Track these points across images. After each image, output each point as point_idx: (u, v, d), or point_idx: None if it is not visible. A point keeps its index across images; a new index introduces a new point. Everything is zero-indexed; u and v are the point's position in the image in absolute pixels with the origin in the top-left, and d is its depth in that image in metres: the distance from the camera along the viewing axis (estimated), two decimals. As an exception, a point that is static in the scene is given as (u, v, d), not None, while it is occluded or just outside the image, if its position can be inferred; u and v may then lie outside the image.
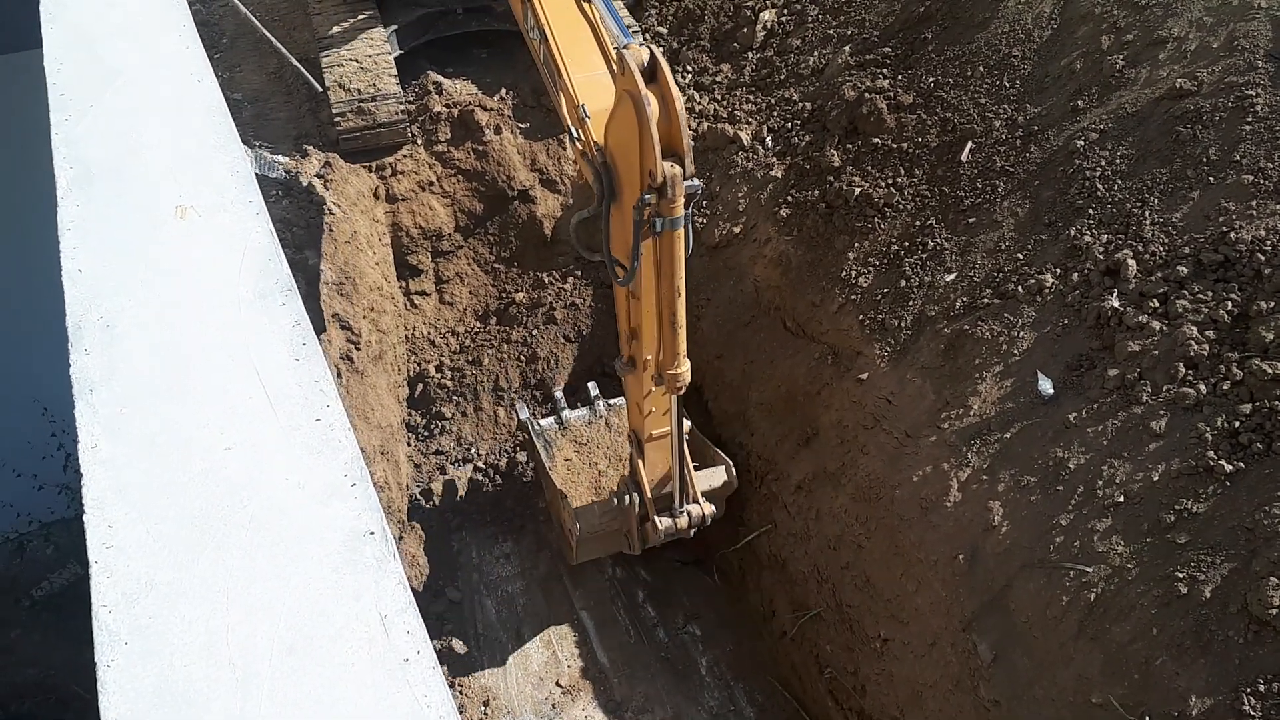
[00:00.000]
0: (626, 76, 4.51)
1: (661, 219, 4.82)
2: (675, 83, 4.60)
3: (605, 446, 7.87)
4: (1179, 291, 5.25)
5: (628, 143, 4.72)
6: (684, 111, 4.59)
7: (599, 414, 8.02)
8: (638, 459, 6.40)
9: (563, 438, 7.88)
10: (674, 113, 4.54)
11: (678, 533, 6.54)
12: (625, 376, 6.02)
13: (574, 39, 5.52)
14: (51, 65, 3.63)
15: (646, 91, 4.46)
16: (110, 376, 2.57)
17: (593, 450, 7.86)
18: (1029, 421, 5.47)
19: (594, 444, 7.90)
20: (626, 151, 4.78)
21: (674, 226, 4.87)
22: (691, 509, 6.49)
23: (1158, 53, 6.17)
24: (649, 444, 6.29)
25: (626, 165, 4.86)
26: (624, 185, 4.97)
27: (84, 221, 2.98)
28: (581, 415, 8.00)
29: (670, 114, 4.55)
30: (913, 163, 6.95)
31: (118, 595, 2.16)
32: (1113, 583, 4.73)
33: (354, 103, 8.43)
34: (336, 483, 2.36)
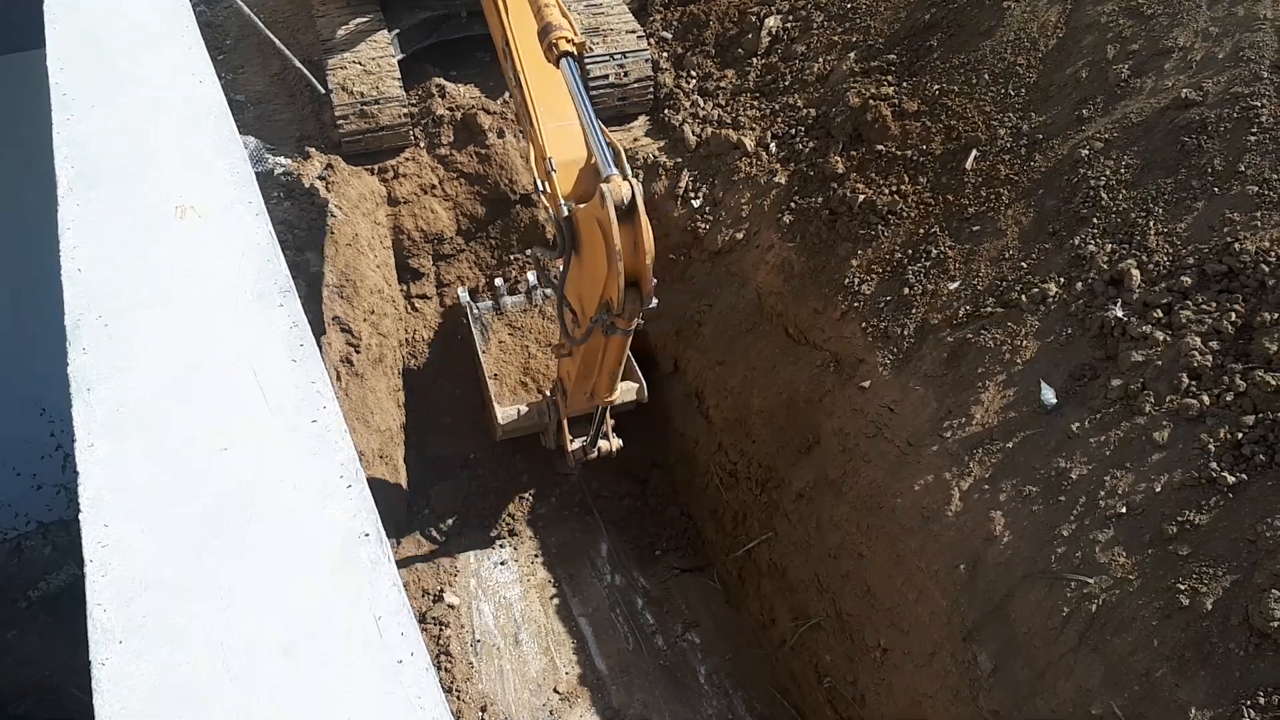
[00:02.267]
0: (603, 210, 4.65)
1: (615, 328, 5.22)
2: (648, 225, 4.74)
3: (538, 332, 8.45)
4: (1183, 302, 5.23)
5: (593, 238, 4.93)
6: (652, 249, 4.77)
7: (535, 302, 8.60)
8: (561, 396, 7.02)
9: (498, 321, 8.44)
10: (643, 255, 4.74)
11: (585, 459, 7.45)
12: (560, 358, 6.68)
13: (547, 85, 5.70)
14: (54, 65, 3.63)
15: (619, 236, 4.61)
16: (108, 376, 2.56)
17: (525, 335, 8.39)
18: (1031, 431, 5.45)
19: (527, 329, 8.44)
20: (592, 239, 4.98)
21: (625, 335, 5.34)
22: (602, 444, 7.38)
23: (1163, 63, 6.17)
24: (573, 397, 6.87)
25: (590, 243, 5.06)
26: (585, 251, 5.18)
27: (84, 221, 2.97)
28: (519, 302, 8.61)
29: (639, 255, 4.74)
30: (917, 170, 6.94)
31: (113, 594, 2.15)
32: (1114, 594, 4.70)
33: (357, 105, 8.44)
34: (333, 484, 2.35)
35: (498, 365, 8.19)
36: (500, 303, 8.60)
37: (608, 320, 5.16)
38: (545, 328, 8.55)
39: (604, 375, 6.24)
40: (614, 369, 6.13)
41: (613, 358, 5.93)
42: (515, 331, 8.51)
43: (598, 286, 5.07)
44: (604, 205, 4.63)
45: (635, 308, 4.92)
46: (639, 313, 5.00)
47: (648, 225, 4.72)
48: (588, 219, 5.02)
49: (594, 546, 8.22)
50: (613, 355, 5.89)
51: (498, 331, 8.41)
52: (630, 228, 4.67)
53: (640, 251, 4.72)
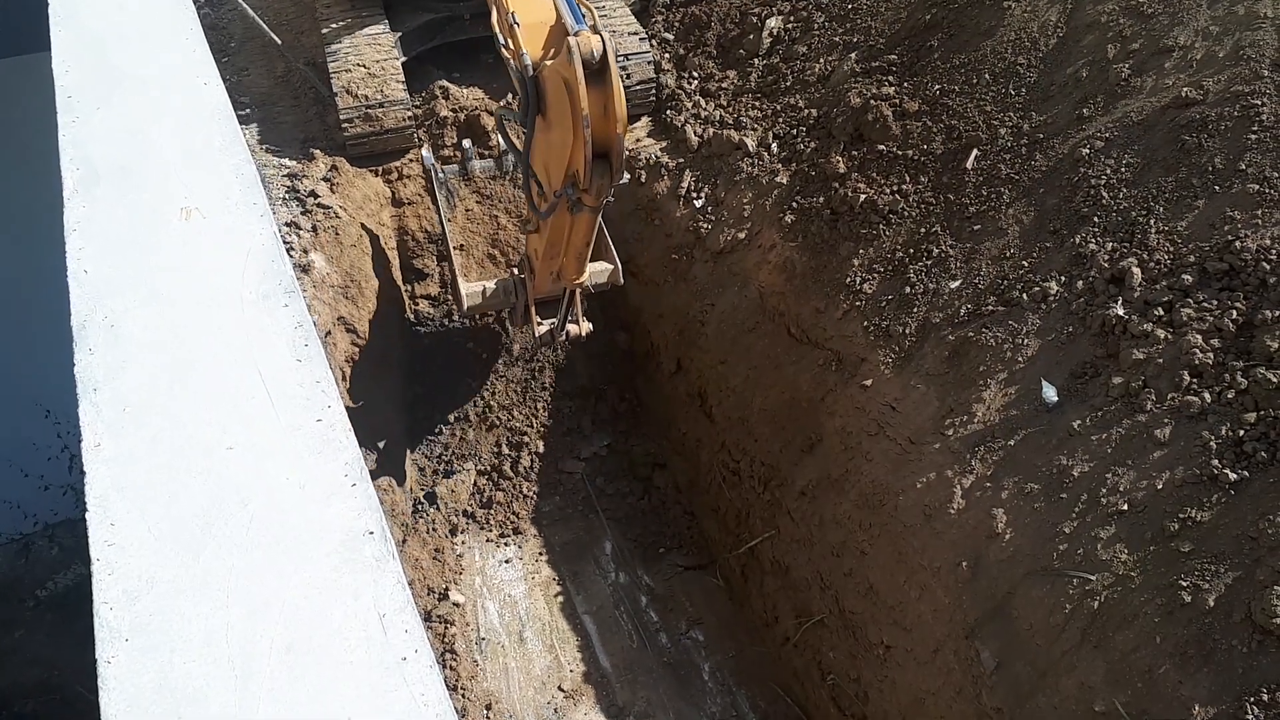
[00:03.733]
0: (569, 67, 4.19)
1: (582, 205, 4.79)
2: (620, 84, 4.29)
3: (508, 200, 7.89)
4: (1184, 300, 5.24)
5: (560, 100, 4.47)
6: (624, 115, 4.32)
7: (505, 168, 7.96)
8: (528, 275, 6.74)
9: (466, 188, 7.87)
10: (613, 121, 4.28)
11: (552, 344, 7.31)
12: (528, 234, 6.36)
13: None
14: (60, 68, 3.66)
15: (586, 99, 4.16)
16: (114, 376, 2.59)
17: (494, 204, 7.88)
18: (1033, 429, 5.46)
19: (497, 197, 7.92)
20: (558, 102, 4.52)
21: (591, 213, 4.95)
22: (570, 328, 7.03)
23: (1163, 61, 6.17)
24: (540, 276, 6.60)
25: (557, 106, 4.59)
26: (552, 114, 4.70)
27: (90, 222, 3.00)
28: (487, 167, 7.98)
29: (609, 121, 4.29)
30: (918, 170, 6.95)
31: (119, 592, 2.17)
32: (1116, 591, 4.71)
33: (361, 109, 8.46)
34: (337, 483, 2.37)
35: (464, 235, 7.57)
36: (468, 167, 7.98)
37: (574, 196, 4.71)
38: (516, 196, 7.96)
39: (571, 256, 5.85)
40: (581, 250, 5.74)
41: (579, 237, 5.52)
42: (484, 200, 7.95)
43: (564, 156, 4.61)
44: (570, 62, 4.14)
45: (604, 183, 4.46)
46: (608, 189, 4.55)
47: (620, 87, 4.25)
48: (554, 78, 4.51)
49: (598, 545, 8.25)
50: (579, 235, 5.47)
51: (465, 199, 7.84)
52: (600, 89, 4.19)
53: (611, 117, 4.25)
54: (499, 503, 8.42)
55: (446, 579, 7.86)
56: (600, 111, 4.24)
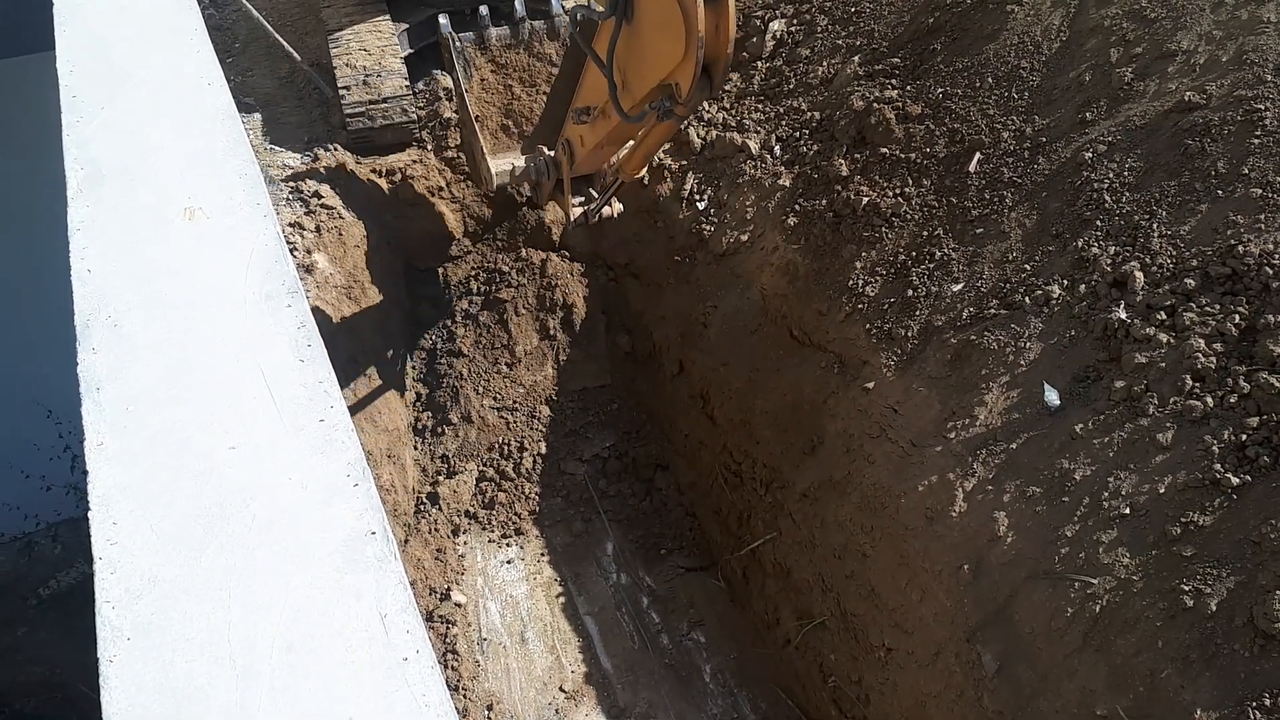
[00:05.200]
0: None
1: (671, 113, 4.77)
2: (736, 8, 4.29)
3: (522, 70, 7.76)
4: (1186, 304, 5.24)
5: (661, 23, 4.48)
6: (734, 33, 4.33)
7: (521, 37, 7.84)
8: (565, 156, 6.71)
9: (481, 56, 7.73)
10: (725, 37, 4.29)
11: (585, 224, 7.05)
12: (579, 123, 6.20)
13: None
14: (64, 68, 3.67)
15: (703, 19, 4.18)
16: (117, 375, 2.59)
17: (509, 73, 7.73)
18: (1035, 432, 5.46)
19: (512, 66, 7.79)
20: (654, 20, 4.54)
21: (678, 121, 4.90)
22: (605, 209, 6.95)
23: (1166, 66, 6.17)
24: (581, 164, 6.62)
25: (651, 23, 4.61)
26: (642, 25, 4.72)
27: (94, 222, 3.00)
28: (503, 35, 7.85)
29: (720, 42, 4.30)
30: (920, 173, 6.95)
31: (121, 591, 2.18)
32: (1118, 595, 4.71)
33: (359, 78, 8.50)
34: (339, 483, 2.37)
35: (480, 106, 7.50)
36: (484, 35, 7.80)
37: (667, 105, 4.72)
38: (531, 65, 7.84)
39: (638, 154, 5.90)
40: (653, 150, 5.81)
41: (656, 139, 5.57)
42: (499, 69, 7.79)
43: (655, 66, 4.65)
44: None
45: (703, 95, 4.51)
46: (704, 100, 4.69)
47: (734, 6, 4.26)
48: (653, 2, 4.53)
49: (600, 546, 8.26)
50: (656, 138, 5.53)
51: (480, 68, 7.72)
52: (714, 8, 4.21)
53: (723, 37, 4.27)
54: (501, 503, 8.43)
55: (448, 579, 7.87)
56: (713, 30, 4.27)
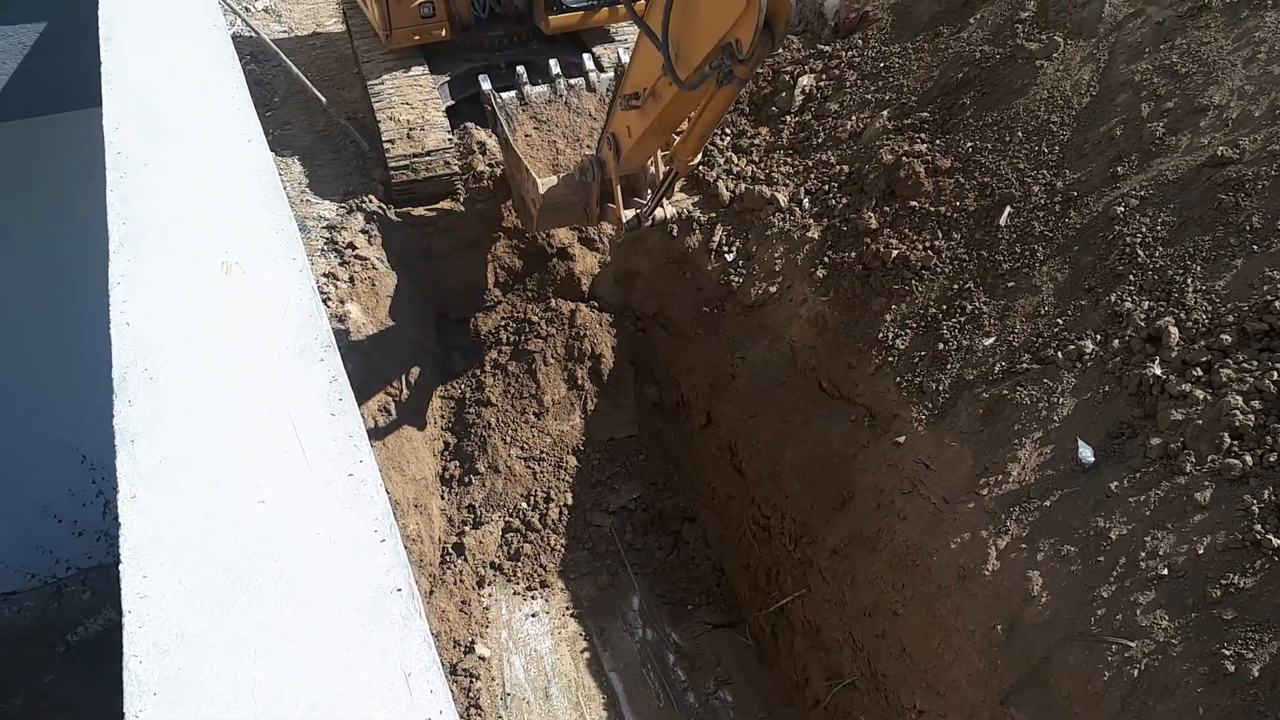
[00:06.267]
0: None
1: (732, 76, 4.69)
2: None
3: (564, 126, 7.91)
4: (1223, 360, 5.17)
5: None
6: None
7: (560, 93, 8.05)
8: (610, 153, 6.57)
9: (523, 113, 7.90)
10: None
11: (638, 228, 6.84)
12: (627, 110, 6.07)
13: None
14: (110, 124, 3.76)
15: None
16: (151, 428, 2.62)
17: (551, 128, 7.87)
18: (1069, 489, 5.37)
19: (553, 122, 7.92)
20: None
21: (740, 83, 4.81)
22: (657, 211, 6.76)
23: (1198, 120, 6.16)
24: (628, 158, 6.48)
25: None
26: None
27: (134, 276, 3.06)
28: (543, 92, 8.05)
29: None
30: (950, 226, 6.95)
31: (149, 645, 2.18)
32: (1157, 658, 4.59)
33: (403, 132, 8.67)
34: (366, 538, 2.37)
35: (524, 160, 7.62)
36: (524, 93, 8.00)
37: (728, 67, 4.61)
38: (572, 121, 8.03)
39: (694, 134, 5.73)
40: (710, 126, 5.63)
41: (714, 113, 5.43)
42: (541, 125, 7.94)
43: (711, 27, 4.59)
44: None
45: (765, 50, 4.41)
46: (766, 57, 4.52)
47: None
48: None
49: (625, 600, 8.18)
50: (715, 110, 5.39)
51: (523, 124, 7.87)
52: None
53: None
54: (527, 555, 8.38)
55: (473, 632, 7.81)
56: None
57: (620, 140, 6.42)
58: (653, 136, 6.06)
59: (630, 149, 6.32)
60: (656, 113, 5.68)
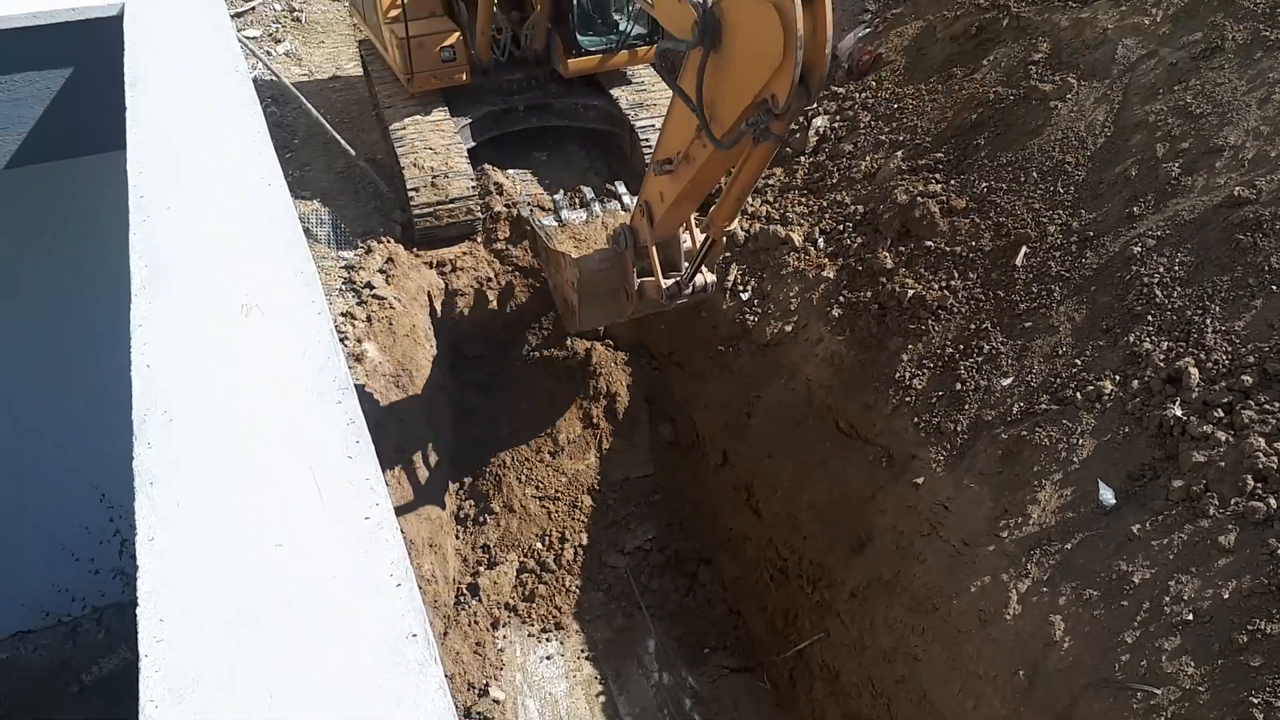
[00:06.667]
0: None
1: (768, 132, 4.74)
2: (832, 9, 4.33)
3: (601, 244, 8.01)
4: (1244, 401, 5.12)
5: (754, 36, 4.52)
6: (832, 38, 4.37)
7: (595, 214, 8.35)
8: (644, 221, 6.52)
9: (562, 233, 8.13)
10: (821, 44, 4.32)
11: (680, 294, 6.72)
12: (660, 175, 6.05)
13: None
14: (133, 169, 3.81)
15: (801, 19, 4.21)
16: (170, 471, 2.62)
17: (589, 246, 7.99)
18: (1090, 532, 5.31)
19: (590, 240, 8.10)
20: (748, 40, 4.58)
21: (777, 139, 4.86)
22: (697, 279, 6.65)
23: (1214, 161, 6.16)
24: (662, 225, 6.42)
25: (743, 45, 4.65)
26: (732, 52, 4.77)
27: (155, 318, 3.08)
28: (579, 215, 8.36)
29: (818, 44, 4.32)
30: (966, 266, 6.95)
31: (165, 690, 2.16)
32: (1183, 706, 4.50)
33: (428, 180, 8.76)
34: (382, 582, 2.36)
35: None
36: (562, 216, 8.35)
37: (764, 124, 4.67)
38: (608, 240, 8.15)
39: (730, 197, 5.65)
40: (746, 188, 5.54)
41: (750, 173, 5.36)
42: (579, 244, 8.15)
43: (746, 85, 4.66)
44: None
45: (801, 104, 4.50)
46: (801, 111, 4.61)
47: (831, 11, 4.30)
48: (738, 9, 4.60)
49: (641, 643, 8.09)
50: (751, 170, 5.33)
51: (562, 243, 8.12)
52: (812, 11, 4.25)
53: (820, 36, 4.30)
54: (541, 596, 8.32)
55: (487, 674, 7.74)
56: (810, 31, 4.31)
57: (653, 207, 6.37)
58: (687, 200, 6.02)
59: (663, 215, 6.27)
60: (690, 175, 5.66)
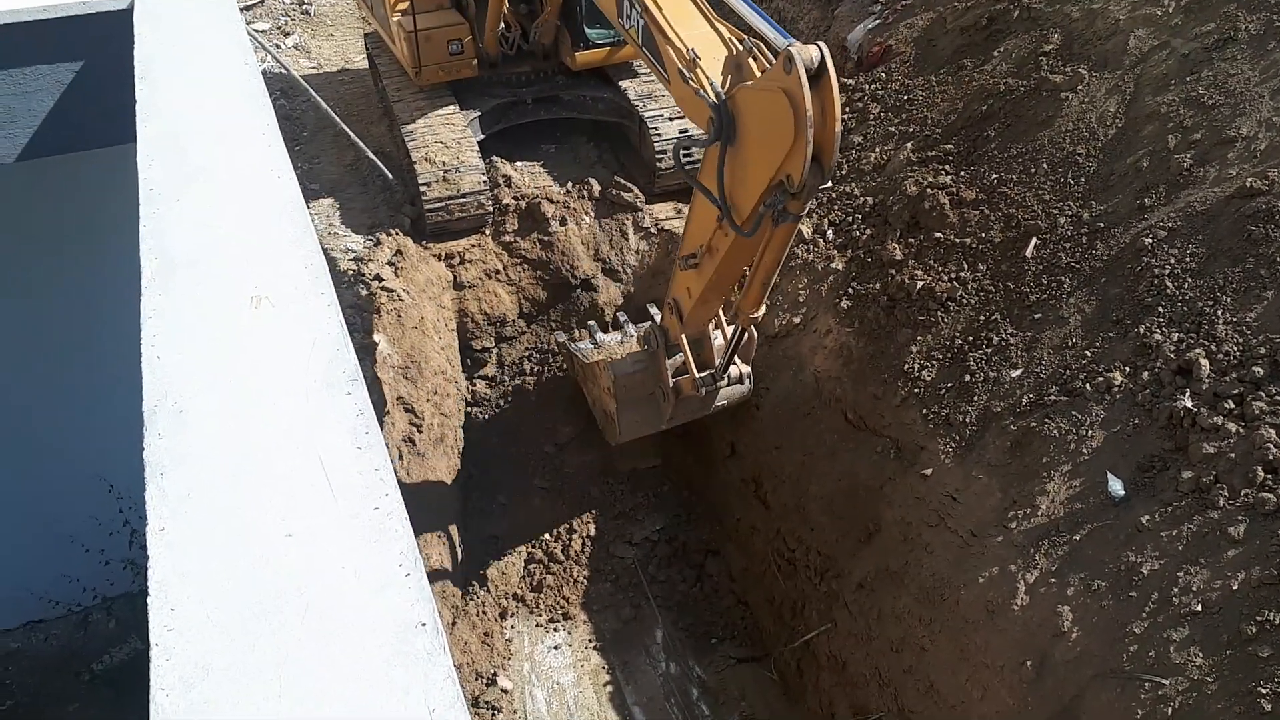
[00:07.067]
0: (789, 76, 4.39)
1: (787, 213, 4.88)
2: (839, 90, 4.45)
3: None
4: (1255, 393, 5.10)
5: (768, 123, 4.66)
6: (841, 118, 4.49)
7: (629, 334, 8.62)
8: (673, 318, 6.64)
9: (597, 354, 8.33)
10: (831, 124, 4.45)
11: (715, 386, 6.82)
12: (685, 270, 6.18)
13: (674, 4, 5.69)
14: (144, 161, 3.82)
15: (810, 100, 4.35)
16: (180, 461, 2.64)
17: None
18: (1099, 523, 5.30)
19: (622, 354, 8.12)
20: (763, 127, 4.73)
21: (796, 219, 4.99)
22: (732, 370, 6.77)
23: (1226, 152, 6.12)
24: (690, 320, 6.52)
25: (758, 134, 4.80)
26: (748, 143, 4.93)
27: (165, 310, 3.09)
28: (614, 338, 8.62)
29: (828, 124, 4.46)
30: (976, 257, 6.92)
31: (175, 679, 2.18)
32: (1191, 696, 4.49)
33: (439, 174, 8.76)
34: (391, 572, 2.37)
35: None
36: (596, 338, 8.64)
37: (781, 204, 4.82)
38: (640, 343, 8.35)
39: (756, 282, 5.73)
40: (770, 271, 5.61)
41: (773, 256, 5.46)
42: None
43: (761, 170, 4.81)
44: (791, 70, 4.33)
45: (816, 183, 4.62)
46: (816, 191, 4.71)
47: (838, 92, 4.43)
48: (749, 100, 4.79)
49: (649, 633, 8.11)
50: (773, 252, 5.43)
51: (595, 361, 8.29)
52: (819, 93, 4.39)
53: (830, 118, 4.43)
54: (549, 586, 8.35)
55: (495, 664, 7.77)
56: (820, 112, 4.44)
57: (682, 304, 6.48)
58: (714, 293, 6.13)
59: (692, 310, 6.36)
60: (715, 266, 5.80)
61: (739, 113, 4.94)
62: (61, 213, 6.68)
